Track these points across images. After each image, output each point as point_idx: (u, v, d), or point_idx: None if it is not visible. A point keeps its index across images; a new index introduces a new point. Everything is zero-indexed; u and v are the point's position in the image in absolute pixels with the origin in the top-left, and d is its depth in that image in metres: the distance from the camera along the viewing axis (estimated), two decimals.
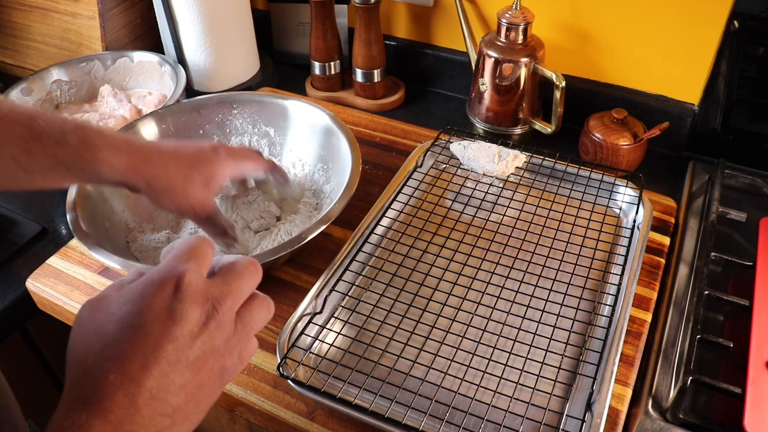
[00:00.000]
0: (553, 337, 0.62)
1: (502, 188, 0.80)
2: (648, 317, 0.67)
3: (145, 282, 0.37)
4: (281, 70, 1.11)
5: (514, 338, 0.62)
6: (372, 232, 0.73)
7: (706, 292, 0.65)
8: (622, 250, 0.71)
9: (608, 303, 0.66)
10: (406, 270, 0.69)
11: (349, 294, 0.68)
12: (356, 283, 0.70)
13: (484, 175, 0.81)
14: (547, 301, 0.66)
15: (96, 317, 0.37)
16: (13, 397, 0.52)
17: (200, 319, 0.37)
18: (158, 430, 0.35)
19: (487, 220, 0.76)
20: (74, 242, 0.77)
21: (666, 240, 0.75)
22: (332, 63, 1.00)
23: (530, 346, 0.62)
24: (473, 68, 0.93)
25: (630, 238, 0.72)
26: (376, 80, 0.99)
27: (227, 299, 0.39)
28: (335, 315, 0.66)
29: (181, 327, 0.36)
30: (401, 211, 0.77)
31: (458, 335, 0.63)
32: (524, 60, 0.85)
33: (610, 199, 0.78)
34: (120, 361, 0.35)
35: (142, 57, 0.97)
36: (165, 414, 0.36)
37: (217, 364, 0.38)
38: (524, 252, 0.72)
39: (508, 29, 0.85)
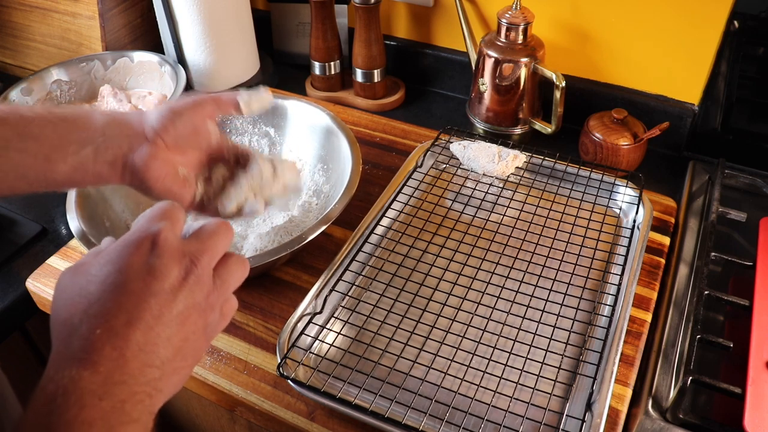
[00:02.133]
0: (553, 337, 0.62)
1: (502, 188, 0.80)
2: (648, 317, 0.67)
3: (122, 243, 0.38)
4: (281, 70, 1.11)
5: (514, 338, 0.62)
6: (372, 232, 0.73)
7: (706, 292, 0.65)
8: (622, 250, 0.71)
9: (608, 303, 0.66)
10: (406, 270, 0.69)
11: (349, 294, 0.68)
12: (356, 283, 0.70)
13: (484, 175, 0.81)
14: (547, 301, 0.66)
15: (77, 281, 0.38)
16: (10, 388, 0.52)
17: (179, 275, 0.38)
18: (147, 381, 0.36)
19: (487, 220, 0.76)
20: (74, 242, 0.77)
21: (666, 240, 0.75)
22: (332, 63, 1.00)
23: (530, 346, 0.62)
24: (473, 68, 0.93)
25: (630, 238, 0.72)
26: (376, 80, 0.99)
27: (204, 255, 0.40)
28: (335, 315, 0.66)
29: (162, 282, 0.37)
30: (401, 211, 0.76)
31: (458, 335, 0.63)
32: (524, 60, 0.85)
33: (610, 199, 0.78)
34: (105, 317, 0.35)
35: (142, 57, 0.97)
36: (154, 366, 0.36)
37: (200, 318, 0.39)
38: (524, 252, 0.72)
39: (508, 29, 0.85)
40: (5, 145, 0.49)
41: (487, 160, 0.80)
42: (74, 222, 0.67)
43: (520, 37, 0.85)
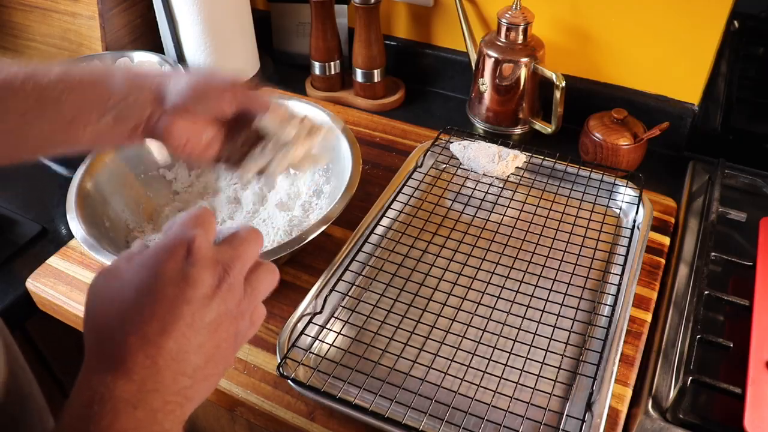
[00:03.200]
0: (553, 337, 0.62)
1: (502, 188, 0.80)
2: (648, 317, 0.67)
3: (157, 248, 0.38)
4: (281, 70, 1.11)
5: (514, 338, 0.62)
6: (372, 232, 0.73)
7: (706, 292, 0.65)
8: (622, 250, 0.71)
9: (608, 303, 0.66)
10: (406, 270, 0.69)
11: (349, 294, 0.68)
12: (356, 283, 0.70)
13: (484, 175, 0.81)
14: (547, 301, 0.66)
15: (111, 285, 0.38)
16: (37, 386, 0.52)
17: (213, 282, 0.38)
18: (179, 389, 0.36)
19: (487, 220, 0.76)
20: (74, 242, 0.77)
21: (666, 240, 0.75)
22: (332, 63, 1.00)
23: (530, 346, 0.62)
24: (473, 68, 0.93)
25: (630, 238, 0.72)
26: (376, 80, 0.99)
27: (236, 263, 0.40)
28: (335, 315, 0.66)
29: (196, 290, 0.37)
30: (401, 211, 0.77)
31: (458, 335, 0.63)
32: (524, 60, 0.85)
33: (610, 199, 0.78)
34: (139, 324, 0.36)
35: (142, 57, 0.97)
36: (185, 374, 0.37)
37: (231, 326, 0.39)
38: (524, 252, 0.72)
39: (508, 29, 0.85)
40: (23, 112, 0.48)
41: (487, 160, 0.80)
42: (74, 222, 0.67)
43: (520, 37, 0.85)
